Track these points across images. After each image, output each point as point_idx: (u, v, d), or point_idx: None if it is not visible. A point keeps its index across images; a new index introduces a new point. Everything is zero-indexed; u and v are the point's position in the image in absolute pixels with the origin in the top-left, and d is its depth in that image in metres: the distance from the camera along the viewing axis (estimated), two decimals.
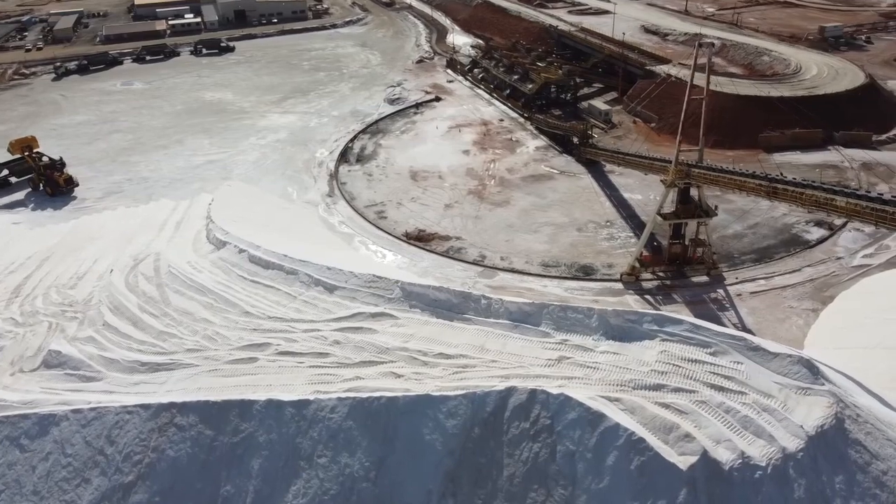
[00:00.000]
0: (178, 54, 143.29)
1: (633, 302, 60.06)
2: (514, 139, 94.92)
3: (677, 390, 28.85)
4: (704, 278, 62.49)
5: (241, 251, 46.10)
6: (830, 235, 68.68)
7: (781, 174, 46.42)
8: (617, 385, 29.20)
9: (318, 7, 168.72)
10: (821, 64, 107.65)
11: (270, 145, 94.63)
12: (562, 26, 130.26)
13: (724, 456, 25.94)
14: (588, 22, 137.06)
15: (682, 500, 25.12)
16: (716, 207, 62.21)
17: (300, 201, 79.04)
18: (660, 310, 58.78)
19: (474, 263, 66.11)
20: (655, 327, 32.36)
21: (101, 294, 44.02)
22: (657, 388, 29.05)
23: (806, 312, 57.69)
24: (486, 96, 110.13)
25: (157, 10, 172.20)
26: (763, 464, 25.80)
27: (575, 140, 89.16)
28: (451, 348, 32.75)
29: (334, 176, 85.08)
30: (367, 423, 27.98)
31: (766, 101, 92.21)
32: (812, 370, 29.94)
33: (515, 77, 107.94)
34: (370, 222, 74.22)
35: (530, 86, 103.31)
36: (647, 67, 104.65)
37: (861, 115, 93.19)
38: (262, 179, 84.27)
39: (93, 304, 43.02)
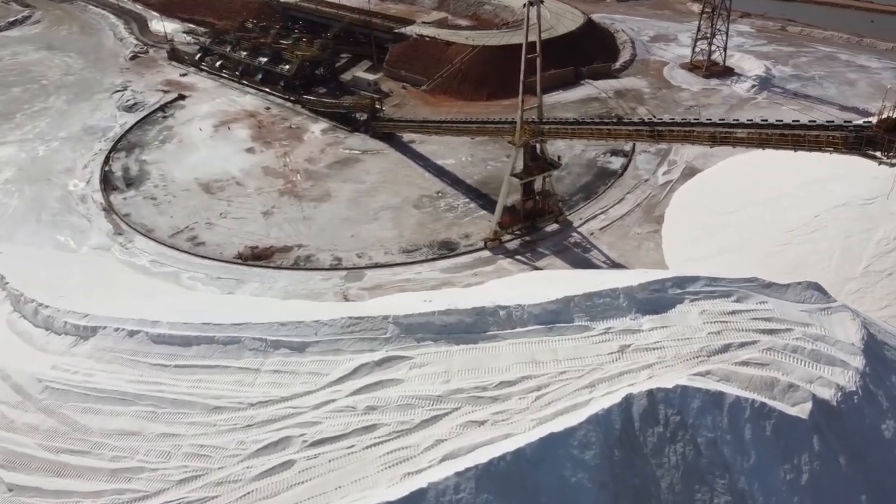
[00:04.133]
0: None
1: (507, 265, 60.82)
2: (293, 126, 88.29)
3: (742, 345, 29.66)
4: (555, 226, 65.42)
5: (133, 333, 36.15)
6: (629, 162, 76.26)
7: (654, 116, 49.67)
8: (694, 358, 29.11)
9: None
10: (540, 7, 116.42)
11: (0, 189, 75.73)
12: None
13: (825, 393, 27.46)
14: None
15: (818, 448, 26.20)
16: (559, 158, 65.09)
17: (86, 249, 64.93)
18: (535, 265, 60.70)
19: (334, 269, 61.07)
20: (678, 290, 32.77)
21: None
22: (725, 349, 29.55)
23: (651, 235, 63.80)
24: (237, 85, 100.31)
25: None
26: (854, 388, 27.88)
27: (359, 116, 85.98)
28: (506, 373, 29.67)
29: (110, 209, 71.24)
30: (504, 490, 24.18)
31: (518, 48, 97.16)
32: (821, 290, 32.98)
33: (264, 60, 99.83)
34: (188, 252, 63.98)
35: (287, 66, 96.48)
36: (396, 30, 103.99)
37: (592, 50, 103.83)
38: (16, 234, 67.28)
39: None
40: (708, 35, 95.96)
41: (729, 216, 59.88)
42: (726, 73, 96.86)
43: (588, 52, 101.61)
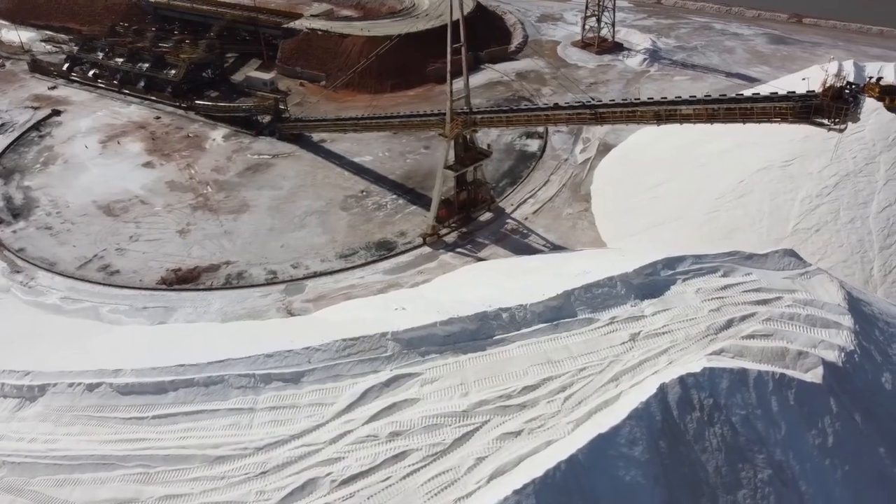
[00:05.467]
0: None
1: (450, 259, 59.98)
2: (190, 135, 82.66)
3: (743, 319, 30.55)
4: (489, 215, 65.19)
5: (93, 386, 32.33)
6: (546, 143, 77.20)
7: (592, 98, 50.05)
8: (705, 338, 29.63)
9: None
10: None
11: None
12: None
13: (830, 356, 28.76)
14: None
15: (836, 409, 27.42)
16: (489, 146, 64.72)
17: None
18: (478, 256, 60.19)
19: (270, 283, 57.84)
20: (670, 271, 33.32)
21: None
22: (729, 324, 30.33)
23: (582, 214, 64.98)
24: (118, 95, 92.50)
25: None
26: (853, 348, 29.37)
27: (262, 118, 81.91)
28: (524, 377, 28.97)
29: (0, 245, 63.91)
30: (565, 501, 23.53)
31: (417, 36, 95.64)
32: (796, 256, 34.53)
33: (146, 65, 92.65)
34: (103, 284, 58.51)
35: (173, 71, 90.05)
36: (285, 26, 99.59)
37: (486, 34, 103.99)
38: None
39: None
40: (596, 12, 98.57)
41: (657, 189, 61.89)
42: (617, 48, 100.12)
43: (482, 36, 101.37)
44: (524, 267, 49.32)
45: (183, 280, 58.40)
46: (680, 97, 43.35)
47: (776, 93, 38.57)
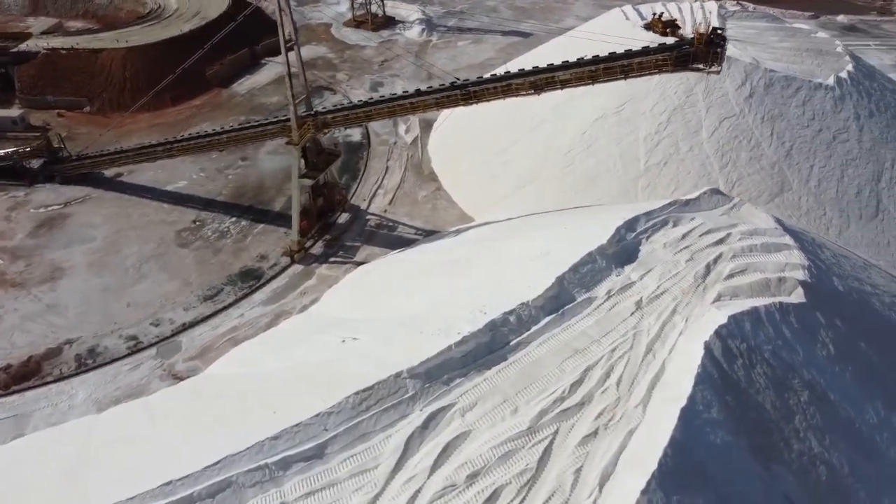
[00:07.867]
0: None
1: (327, 270, 56.48)
2: None
3: (716, 261, 32.72)
4: (347, 215, 62.21)
5: None
6: (367, 129, 75.11)
7: (458, 79, 48.78)
8: (697, 288, 31.21)
9: None
10: None
11: None
12: None
13: (799, 275, 32.02)
14: None
15: (823, 321, 30.78)
16: (336, 145, 61.00)
17: None
18: (355, 260, 57.32)
19: (136, 351, 49.80)
20: (632, 233, 34.41)
21: None
22: (708, 270, 32.28)
23: (437, 194, 64.89)
24: None
25: None
26: (807, 263, 32.90)
27: (30, 164, 69.20)
28: (564, 375, 28.14)
29: None
30: (683, 482, 23.41)
31: (179, 40, 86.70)
32: (721, 193, 37.64)
33: None
34: None
35: None
36: (14, 49, 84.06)
37: (254, 27, 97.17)
38: None
39: None
40: None
41: (503, 154, 63.43)
42: (390, 22, 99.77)
43: (249, 29, 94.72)
44: (440, 261, 47.89)
45: (21, 378, 47.78)
46: (551, 64, 44.17)
47: (648, 46, 41.03)
